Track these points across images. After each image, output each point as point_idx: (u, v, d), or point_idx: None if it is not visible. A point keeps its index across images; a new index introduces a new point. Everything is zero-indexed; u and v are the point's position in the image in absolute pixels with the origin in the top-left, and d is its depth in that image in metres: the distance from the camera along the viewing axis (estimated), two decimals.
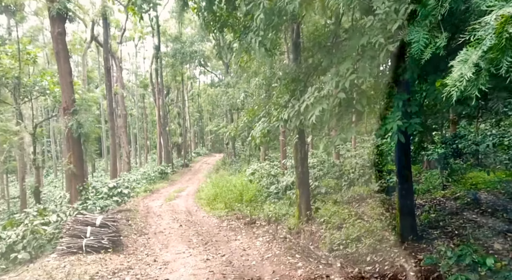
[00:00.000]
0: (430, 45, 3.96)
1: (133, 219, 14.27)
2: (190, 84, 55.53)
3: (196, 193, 21.15)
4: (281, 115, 6.78)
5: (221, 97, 32.22)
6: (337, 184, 15.21)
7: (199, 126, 63.84)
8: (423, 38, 4.00)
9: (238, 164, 32.51)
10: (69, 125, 11.63)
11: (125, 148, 36.37)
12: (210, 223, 13.11)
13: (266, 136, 7.98)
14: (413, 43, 4.08)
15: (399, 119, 5.04)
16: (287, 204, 13.59)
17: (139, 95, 52.48)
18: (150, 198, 20.74)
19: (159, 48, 30.85)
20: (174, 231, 12.04)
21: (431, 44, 3.96)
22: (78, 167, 12.08)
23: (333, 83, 5.31)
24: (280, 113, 6.84)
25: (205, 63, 38.83)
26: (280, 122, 6.97)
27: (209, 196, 17.74)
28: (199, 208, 16.73)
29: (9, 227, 9.43)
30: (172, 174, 32.01)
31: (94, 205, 11.74)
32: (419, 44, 4.00)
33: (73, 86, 12.32)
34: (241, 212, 14.25)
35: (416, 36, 4.04)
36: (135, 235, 11.71)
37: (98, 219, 9.06)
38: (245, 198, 16.07)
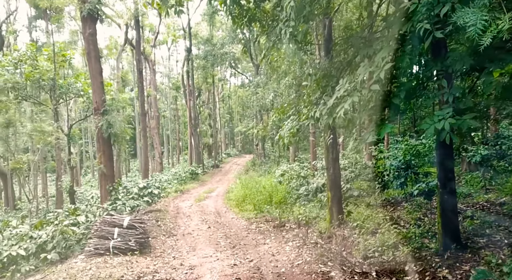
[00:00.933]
0: (490, 29, 3.33)
1: (162, 220, 14.07)
2: (221, 86, 55.57)
3: (225, 194, 20.83)
4: (311, 113, 6.24)
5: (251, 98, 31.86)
6: (369, 186, 14.46)
7: (229, 128, 63.86)
8: (481, 21, 3.37)
9: (268, 165, 32.05)
10: (99, 125, 11.52)
11: (158, 149, 36.65)
12: (239, 225, 12.69)
13: (295, 136, 7.45)
14: (468, 27, 3.45)
15: (450, 116, 4.40)
16: (317, 206, 12.98)
17: (172, 97, 52.98)
18: (181, 198, 20.59)
19: (191, 50, 30.85)
20: (202, 233, 11.69)
21: (491, 27, 3.33)
22: (108, 167, 11.95)
23: (367, 74, 4.74)
24: (311, 111, 6.29)
25: (236, 64, 38.59)
26: (310, 120, 6.43)
27: (238, 197, 17.35)
28: (228, 210, 16.35)
29: (39, 226, 9.36)
30: (203, 175, 31.91)
31: (124, 206, 11.56)
32: (476, 27, 3.38)
33: (103, 86, 12.23)
34: (270, 214, 13.75)
35: (473, 19, 3.41)
36: (163, 236, 11.44)
37: (125, 220, 8.81)
38: (274, 200, 15.55)
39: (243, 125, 37.69)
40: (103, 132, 11.59)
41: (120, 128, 11.82)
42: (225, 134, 63.30)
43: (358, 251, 8.47)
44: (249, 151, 57.19)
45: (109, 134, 11.61)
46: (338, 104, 5.32)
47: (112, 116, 11.59)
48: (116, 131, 11.65)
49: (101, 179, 12.12)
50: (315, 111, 6.04)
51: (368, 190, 13.87)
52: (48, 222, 9.77)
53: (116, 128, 11.56)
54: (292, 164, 23.46)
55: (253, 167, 34.18)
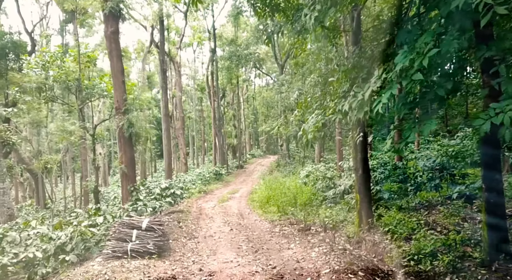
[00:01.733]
0: None
1: (184, 221, 13.64)
2: (246, 87, 55.19)
3: (249, 195, 20.29)
4: (338, 106, 5.59)
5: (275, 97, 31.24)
6: (400, 188, 13.59)
7: (254, 128, 63.37)
8: None
9: (292, 165, 31.35)
10: (120, 124, 11.22)
11: (183, 150, 36.55)
12: (262, 228, 12.09)
13: (320, 130, 6.78)
14: None
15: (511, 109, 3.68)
16: (345, 209, 12.23)
17: (197, 99, 52.99)
18: (204, 199, 20.20)
19: (215, 51, 30.57)
20: (224, 236, 11.16)
21: None
22: (129, 167, 11.61)
23: (407, 61, 4.05)
24: (338, 105, 5.64)
25: (260, 65, 38.07)
26: (337, 114, 5.77)
27: (262, 198, 16.76)
28: (252, 211, 15.79)
29: (59, 227, 9.07)
30: (227, 175, 31.52)
31: (145, 206, 11.18)
32: None
33: (125, 85, 11.94)
34: (295, 217, 13.10)
35: None
36: (184, 239, 10.99)
37: (144, 222, 8.38)
38: (299, 201, 14.86)
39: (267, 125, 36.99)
40: (124, 131, 11.27)
41: (141, 127, 11.46)
42: (250, 135, 62.89)
43: (390, 259, 7.73)
44: (273, 152, 56.49)
45: (130, 134, 11.27)
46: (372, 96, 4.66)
47: (133, 115, 11.25)
48: (137, 131, 11.31)
49: (122, 179, 11.79)
50: (343, 104, 5.39)
51: (399, 192, 13.01)
52: (68, 223, 9.48)
53: (137, 127, 11.21)
54: (317, 165, 22.71)
55: (278, 168, 33.55)
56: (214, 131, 35.25)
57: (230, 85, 39.61)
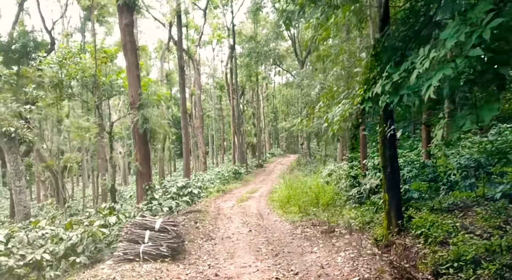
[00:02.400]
0: None
1: (202, 221, 13.16)
2: (265, 85, 54.60)
3: (268, 194, 19.69)
4: (368, 93, 4.92)
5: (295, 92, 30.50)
6: (430, 187, 12.74)
7: (273, 127, 62.72)
8: None
9: (314, 164, 30.57)
10: (134, 120, 10.79)
11: (202, 148, 36.28)
12: (283, 229, 11.47)
13: (347, 120, 6.11)
14: None
15: None
16: (371, 210, 11.47)
17: (216, 97, 52.72)
18: (222, 198, 19.72)
19: (234, 47, 30.08)
20: (242, 237, 10.60)
21: None
22: (144, 165, 11.17)
23: (461, 36, 3.36)
24: (368, 92, 4.97)
25: (280, 62, 37.38)
26: (367, 103, 5.10)
27: (282, 198, 16.12)
28: (271, 211, 15.18)
29: (69, 227, 8.68)
30: (246, 175, 31.02)
31: (160, 206, 10.72)
32: None
33: (140, 79, 11.49)
34: (317, 217, 12.43)
35: None
36: (201, 240, 10.48)
37: (157, 222, 7.88)
38: (321, 201, 14.19)
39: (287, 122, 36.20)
40: (138, 127, 10.84)
41: (156, 123, 11.01)
42: (269, 134, 62.29)
43: (425, 266, 7.00)
44: (293, 151, 55.75)
45: (144, 130, 10.82)
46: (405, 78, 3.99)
47: (148, 111, 10.80)
48: (152, 127, 10.86)
49: (137, 177, 11.37)
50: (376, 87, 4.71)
51: (429, 192, 12.17)
52: (79, 223, 9.09)
53: (152, 123, 10.75)
54: (339, 163, 21.91)
55: (298, 166, 32.85)
56: (233, 129, 34.81)
57: (249, 83, 39.08)
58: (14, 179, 13.33)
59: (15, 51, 18.53)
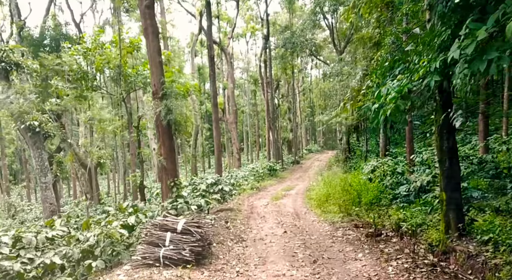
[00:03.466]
0: None
1: (232, 221, 12.37)
2: (302, 78, 53.24)
3: (305, 192, 18.65)
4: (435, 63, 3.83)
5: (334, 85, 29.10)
6: (490, 185, 11.27)
7: (310, 122, 61.22)
8: None
9: (354, 160, 29.09)
10: (157, 111, 10.07)
11: (236, 144, 35.63)
12: (321, 231, 10.45)
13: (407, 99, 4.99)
14: None
15: None
16: (423, 210, 10.20)
17: (251, 92, 51.95)
18: (256, 196, 18.88)
19: (268, 37, 29.11)
20: (276, 240, 9.68)
21: None
22: (168, 160, 10.44)
23: None
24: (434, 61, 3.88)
25: (317, 52, 35.96)
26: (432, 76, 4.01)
27: (320, 196, 15.05)
28: (309, 210, 14.17)
29: (86, 227, 8.08)
30: (282, 171, 30.05)
31: (187, 204, 9.98)
32: None
33: (162, 66, 10.72)
34: (360, 218, 11.32)
35: None
36: (231, 242, 9.66)
37: (179, 224, 7.11)
38: (363, 200, 13.01)
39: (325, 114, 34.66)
40: (161, 119, 10.10)
41: (181, 114, 10.24)
42: (306, 129, 60.86)
43: None
44: (331, 147, 54.12)
45: (168, 122, 10.06)
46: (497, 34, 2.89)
47: (171, 101, 10.05)
48: (177, 118, 10.09)
49: (161, 173, 10.66)
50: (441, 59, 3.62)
51: (491, 190, 10.73)
52: (97, 223, 8.49)
53: (176, 114, 9.98)
54: (383, 159, 20.48)
55: (337, 163, 31.48)
56: (268, 124, 33.90)
57: (284, 76, 37.97)
58: (40, 175, 13.11)
59: (46, 45, 18.53)
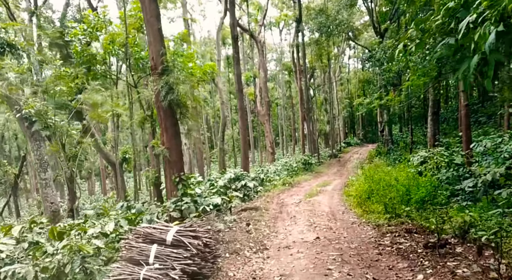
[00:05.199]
0: None
1: (256, 223, 10.51)
2: (339, 68, 50.38)
3: (343, 188, 16.48)
4: None
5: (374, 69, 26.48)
6: None
7: (348, 113, 58.15)
8: None
9: (397, 152, 26.46)
10: (155, 89, 8.24)
11: (269, 137, 33.72)
12: (363, 237, 8.37)
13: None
14: None
15: None
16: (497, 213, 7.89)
17: (285, 83, 49.71)
18: (288, 192, 16.92)
19: (301, 20, 26.85)
20: (306, 249, 7.72)
21: None
22: (173, 151, 8.60)
23: None
24: None
25: (355, 36, 33.20)
26: None
27: (360, 193, 12.85)
28: (347, 210, 12.08)
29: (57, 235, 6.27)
30: (318, 165, 27.86)
31: (196, 204, 8.18)
32: None
33: (162, 35, 8.82)
34: (412, 221, 9.13)
35: None
36: (249, 251, 7.80)
37: (169, 233, 5.30)
38: (413, 197, 10.74)
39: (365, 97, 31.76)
40: (161, 99, 8.28)
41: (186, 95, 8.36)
42: (344, 121, 57.87)
43: None
44: (371, 140, 50.96)
45: (169, 104, 8.22)
46: None
47: (173, 77, 8.21)
48: (181, 99, 8.23)
49: (165, 167, 8.84)
50: None
51: None
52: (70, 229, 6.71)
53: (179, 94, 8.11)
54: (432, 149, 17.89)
55: (378, 156, 28.87)
56: (302, 115, 31.73)
57: (319, 63, 35.51)
58: (39, 170, 11.81)
59: None
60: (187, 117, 8.59)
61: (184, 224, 5.76)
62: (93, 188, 38.38)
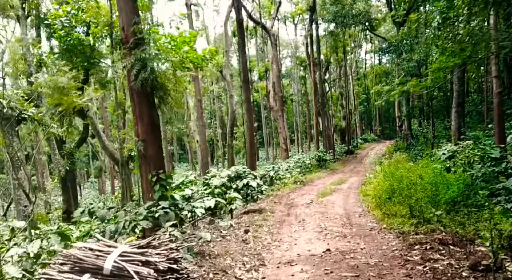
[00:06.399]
0: None
1: (258, 228, 8.80)
2: (355, 62, 48.03)
3: (360, 186, 14.57)
4: None
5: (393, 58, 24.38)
6: None
7: (365, 108, 55.68)
8: None
9: (418, 147, 24.27)
10: (127, 65, 6.44)
11: (282, 134, 31.87)
12: (385, 249, 6.56)
13: None
14: None
15: None
16: None
17: (299, 78, 47.62)
18: (299, 192, 15.13)
19: (315, 8, 24.88)
20: (313, 266, 5.98)
21: None
22: (149, 143, 6.75)
23: None
24: None
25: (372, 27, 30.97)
26: None
27: (380, 192, 10.87)
28: (365, 212, 10.27)
29: None
30: (333, 162, 25.93)
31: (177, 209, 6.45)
32: None
33: (135, 1, 7.02)
34: (445, 227, 7.26)
35: None
36: (242, 268, 6.10)
37: (109, 259, 3.61)
38: (443, 198, 8.83)
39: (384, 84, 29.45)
40: (132, 79, 6.49)
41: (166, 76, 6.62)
42: (361, 117, 55.41)
43: None
44: (389, 137, 48.45)
45: (142, 84, 6.37)
46: None
47: (147, 51, 6.41)
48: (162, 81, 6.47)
49: (140, 163, 7.10)
50: None
51: None
52: None
53: (157, 72, 6.36)
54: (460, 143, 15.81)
55: (398, 151, 26.71)
56: (316, 109, 29.77)
57: (335, 56, 33.38)
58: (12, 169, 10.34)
59: None
60: (167, 103, 6.86)
61: (136, 243, 4.10)
62: (104, 187, 37.21)
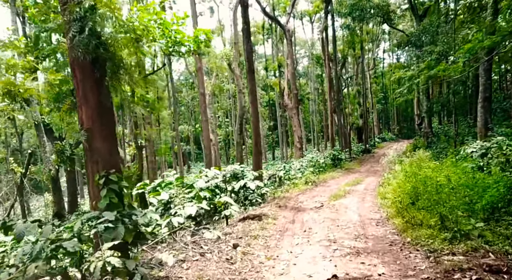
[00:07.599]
0: None
1: (252, 241, 7.07)
2: (373, 61, 45.61)
3: (377, 188, 12.61)
4: None
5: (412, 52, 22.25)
6: None
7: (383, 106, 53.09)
8: None
9: (440, 145, 22.03)
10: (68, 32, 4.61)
11: (297, 132, 29.99)
12: (412, 277, 4.73)
13: None
14: None
15: None
16: None
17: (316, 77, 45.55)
18: (310, 193, 13.33)
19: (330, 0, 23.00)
20: None
21: None
22: (97, 133, 4.94)
23: None
24: None
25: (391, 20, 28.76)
26: None
27: (401, 195, 8.87)
28: (383, 219, 8.41)
29: None
30: (349, 161, 23.94)
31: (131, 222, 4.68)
32: None
33: None
34: (490, 245, 5.39)
35: None
36: None
37: None
38: (478, 203, 6.92)
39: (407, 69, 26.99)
40: (74, 47, 4.63)
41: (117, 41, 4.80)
42: (378, 116, 52.83)
43: None
44: (407, 136, 45.83)
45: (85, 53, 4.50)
46: None
47: (83, 4, 4.51)
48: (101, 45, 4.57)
49: (86, 159, 5.21)
50: None
51: None
52: None
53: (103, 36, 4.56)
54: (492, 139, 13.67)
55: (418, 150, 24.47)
56: (331, 107, 27.77)
57: (352, 52, 31.29)
58: None
59: None
60: (122, 80, 5.09)
61: None
62: None
